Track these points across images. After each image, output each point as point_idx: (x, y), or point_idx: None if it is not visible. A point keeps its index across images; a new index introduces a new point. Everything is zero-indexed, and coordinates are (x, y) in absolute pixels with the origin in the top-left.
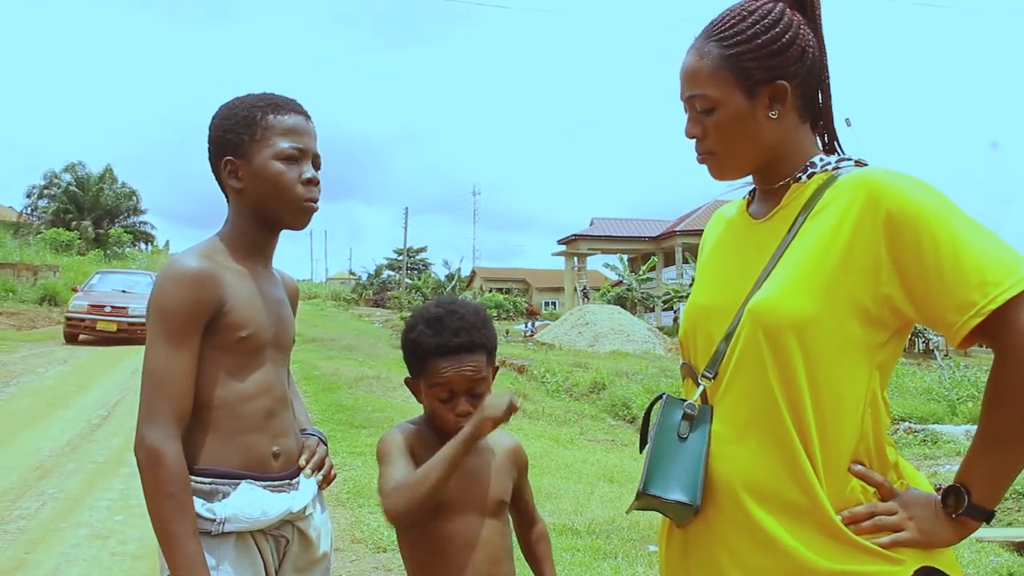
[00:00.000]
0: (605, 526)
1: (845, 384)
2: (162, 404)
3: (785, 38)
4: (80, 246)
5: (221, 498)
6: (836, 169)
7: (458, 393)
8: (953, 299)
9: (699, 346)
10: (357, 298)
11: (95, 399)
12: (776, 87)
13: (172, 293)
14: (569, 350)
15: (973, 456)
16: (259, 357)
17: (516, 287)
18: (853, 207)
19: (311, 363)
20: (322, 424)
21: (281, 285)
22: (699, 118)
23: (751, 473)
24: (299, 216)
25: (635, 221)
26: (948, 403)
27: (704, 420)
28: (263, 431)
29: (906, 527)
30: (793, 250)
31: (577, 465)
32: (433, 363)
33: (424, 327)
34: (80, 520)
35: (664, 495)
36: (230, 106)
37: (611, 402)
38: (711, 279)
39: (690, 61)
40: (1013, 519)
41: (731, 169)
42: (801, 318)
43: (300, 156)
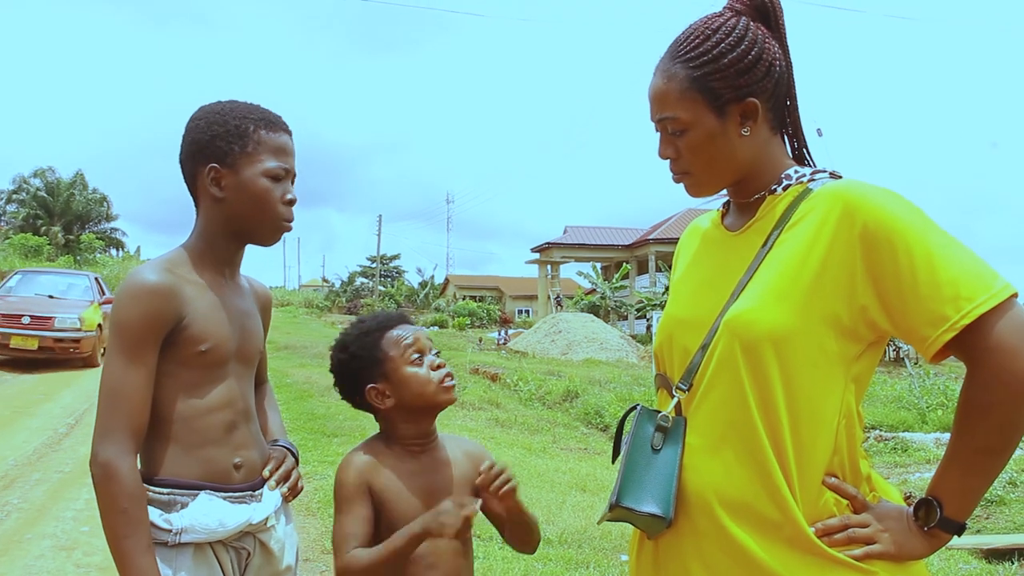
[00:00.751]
0: (577, 536)
1: (821, 397)
2: (117, 419)
3: (751, 54)
4: (50, 252)
5: (179, 508)
6: (811, 181)
7: (426, 350)
8: (927, 313)
9: (675, 358)
10: (330, 305)
11: (63, 407)
12: (746, 105)
13: (129, 307)
14: (542, 358)
15: (945, 470)
16: (220, 370)
17: (489, 295)
18: (829, 220)
19: (283, 371)
20: (294, 433)
21: (250, 295)
22: (671, 139)
23: (725, 486)
24: (273, 235)
25: (608, 229)
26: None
27: (678, 432)
28: (224, 444)
29: (879, 539)
30: (769, 262)
31: (550, 474)
32: (389, 336)
33: (357, 324)
34: (45, 531)
35: (637, 507)
36: (219, 111)
37: (584, 410)
38: (687, 291)
39: (658, 83)
40: (982, 526)
41: (707, 187)
42: (778, 331)
43: (285, 176)
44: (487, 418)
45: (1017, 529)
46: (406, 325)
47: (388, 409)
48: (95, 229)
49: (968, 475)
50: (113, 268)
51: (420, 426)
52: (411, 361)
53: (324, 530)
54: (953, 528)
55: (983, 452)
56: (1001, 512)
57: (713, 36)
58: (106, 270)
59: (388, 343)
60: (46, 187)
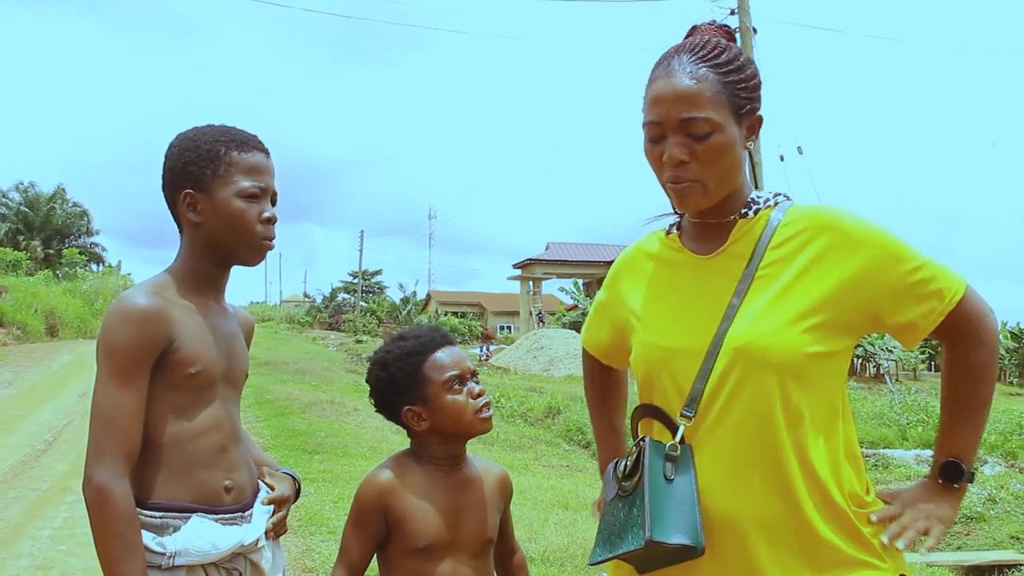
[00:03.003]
0: (560, 553)
1: (837, 412)
2: (110, 442)
3: (757, 75)
4: (29, 266)
5: (171, 532)
6: (775, 205)
7: (467, 376)
8: (921, 307)
9: (667, 387)
10: (311, 321)
11: (40, 424)
12: (755, 119)
13: (120, 331)
14: (524, 374)
15: (954, 430)
16: (209, 393)
17: (471, 311)
18: (821, 241)
19: (264, 387)
20: (274, 450)
21: (234, 319)
22: (688, 142)
23: (753, 510)
24: (255, 254)
25: (590, 245)
26: (899, 428)
27: (687, 460)
28: (214, 466)
29: (931, 525)
30: (763, 285)
31: (532, 491)
32: (433, 359)
33: (401, 342)
34: (21, 550)
35: (667, 540)
36: (191, 137)
37: (566, 427)
38: (663, 318)
39: (684, 83)
40: (963, 543)
41: (710, 197)
42: (797, 352)
43: (261, 195)
44: None
45: (997, 545)
46: (448, 347)
47: (421, 431)
48: (75, 243)
49: (973, 429)
50: (93, 283)
51: (452, 448)
52: (452, 388)
53: (305, 548)
54: (971, 478)
55: (983, 406)
56: (981, 528)
57: (729, 51)
58: (86, 284)
59: (430, 367)
60: (26, 201)
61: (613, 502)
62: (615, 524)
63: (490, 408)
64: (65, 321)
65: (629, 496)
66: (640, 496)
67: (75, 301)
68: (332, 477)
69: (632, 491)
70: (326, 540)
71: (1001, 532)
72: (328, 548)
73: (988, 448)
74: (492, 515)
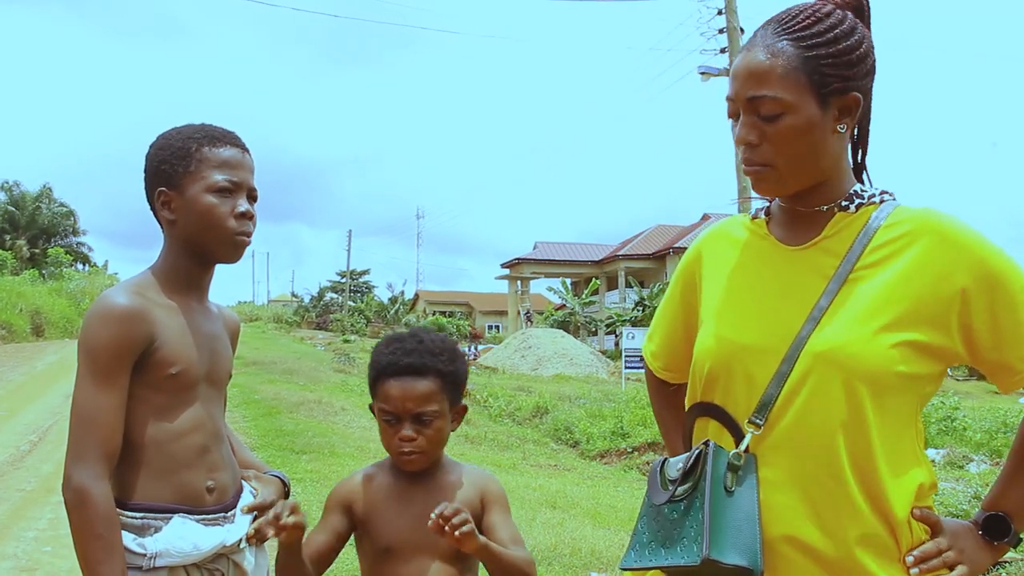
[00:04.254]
0: (548, 553)
1: (910, 429)
2: (90, 443)
3: (862, 48)
4: (15, 266)
5: (152, 532)
6: (881, 202)
7: (402, 416)
8: (1022, 350)
9: (736, 387)
10: (299, 320)
11: (26, 424)
12: (849, 99)
13: (100, 331)
14: (512, 374)
15: (1013, 487)
16: (190, 393)
17: (459, 310)
18: (930, 254)
19: (251, 387)
20: (261, 450)
21: (219, 319)
22: (758, 123)
23: (811, 532)
24: (231, 250)
25: (578, 245)
26: None
27: (750, 471)
28: (196, 467)
29: (963, 560)
30: (857, 288)
31: (520, 491)
32: (383, 382)
33: (383, 346)
34: (5, 552)
35: (723, 559)
36: (166, 137)
37: (554, 426)
38: (741, 311)
39: (758, 58)
40: None
41: (785, 184)
42: (884, 365)
43: (234, 189)
44: (457, 434)
45: None
46: (403, 380)
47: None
48: (62, 243)
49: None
50: (80, 282)
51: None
52: (383, 419)
53: None
54: (1016, 540)
55: None
56: None
57: (826, 20)
58: (72, 284)
59: (378, 390)
60: (12, 200)
61: (658, 507)
62: (659, 531)
63: (411, 453)
64: (51, 321)
65: (680, 503)
66: (697, 506)
67: (61, 301)
68: (320, 477)
69: (685, 498)
70: None
71: None
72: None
73: (974, 446)
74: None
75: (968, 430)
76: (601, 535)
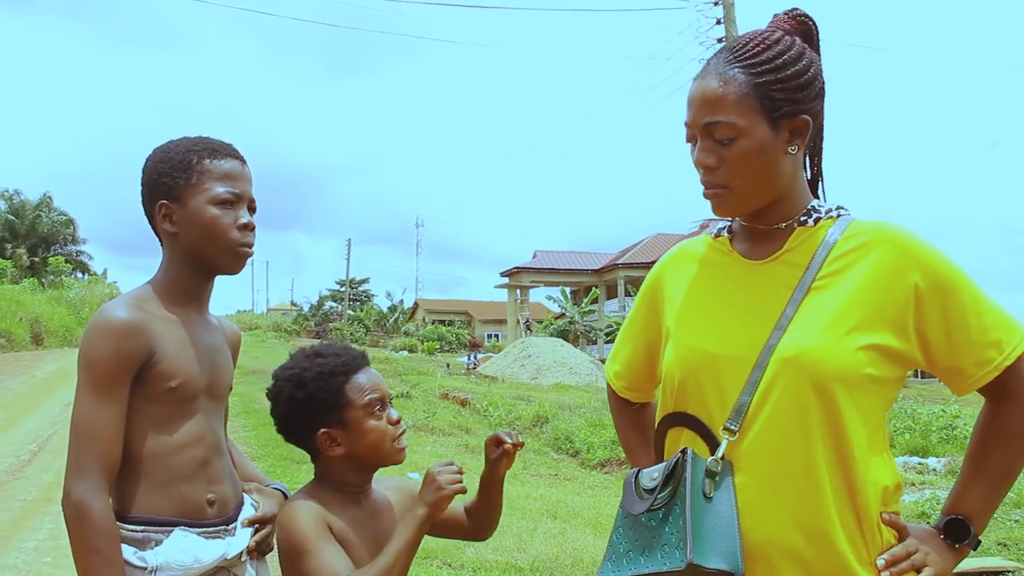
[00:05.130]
0: (549, 563)
1: (878, 432)
2: (89, 457)
3: (810, 72)
4: (15, 274)
5: (153, 546)
6: (837, 217)
7: (387, 401)
8: (976, 355)
9: (708, 396)
10: (299, 329)
11: (25, 433)
12: (799, 121)
13: (99, 345)
14: (512, 383)
15: (969, 490)
16: (190, 406)
17: (459, 319)
18: (887, 263)
19: (251, 396)
20: (262, 459)
21: (219, 331)
22: (715, 147)
23: (788, 535)
24: (233, 261)
25: (577, 254)
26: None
27: (727, 477)
28: (197, 480)
29: (929, 563)
30: (820, 297)
31: (520, 500)
32: (354, 381)
33: (318, 358)
34: (5, 562)
35: (706, 564)
36: (165, 149)
37: (554, 436)
38: (709, 322)
39: (712, 86)
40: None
41: (743, 204)
42: (850, 369)
43: (236, 201)
44: (457, 444)
45: (984, 552)
46: (368, 369)
47: (334, 456)
48: (61, 251)
49: (993, 494)
50: (79, 291)
51: (363, 475)
52: (373, 413)
53: None
54: (976, 543)
55: (1008, 473)
56: None
57: (775, 46)
58: (72, 292)
59: (353, 389)
60: (12, 209)
61: (635, 516)
62: (637, 540)
63: (405, 438)
64: (50, 330)
65: (658, 511)
66: (676, 513)
67: (60, 309)
68: None
69: (663, 506)
70: None
71: (988, 539)
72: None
73: None
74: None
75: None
76: (602, 545)
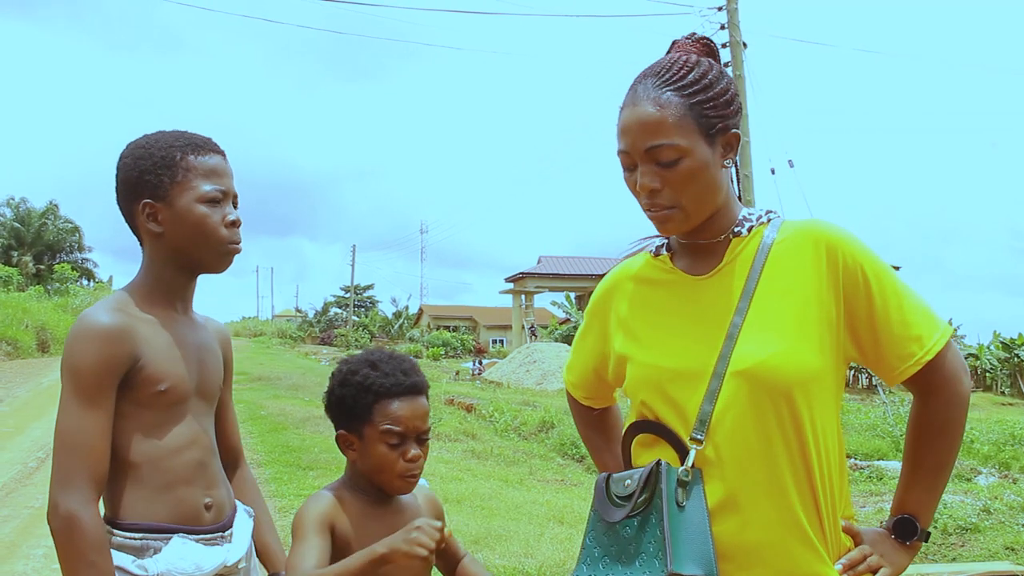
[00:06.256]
0: (556, 568)
1: (834, 431)
2: (76, 468)
3: (732, 89)
4: (21, 282)
5: (152, 553)
6: (768, 222)
7: (410, 436)
8: (898, 348)
9: (667, 410)
10: (304, 336)
11: (33, 440)
12: (731, 136)
13: (83, 351)
14: (517, 388)
15: (910, 488)
16: (181, 408)
17: (463, 324)
18: (816, 259)
19: (257, 402)
20: (268, 466)
21: (205, 330)
22: (657, 170)
23: (756, 540)
24: (222, 259)
25: (582, 259)
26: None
27: (697, 486)
28: (194, 484)
29: (884, 564)
30: (762, 305)
31: (527, 506)
32: (385, 405)
33: (369, 370)
34: (14, 570)
35: (683, 571)
36: (143, 145)
37: (560, 441)
38: (663, 339)
39: (647, 111)
40: (957, 554)
41: (690, 221)
42: (805, 373)
43: (222, 198)
44: (463, 449)
45: (992, 556)
46: (411, 399)
47: (350, 459)
48: (67, 259)
49: (932, 489)
50: (85, 298)
51: (375, 486)
52: (387, 442)
53: None
54: (926, 537)
55: (942, 466)
56: (976, 540)
57: (696, 68)
58: (78, 300)
59: (380, 411)
60: (18, 217)
61: (609, 523)
62: (612, 547)
63: (417, 478)
64: (56, 337)
65: (634, 519)
66: (653, 523)
67: (66, 317)
68: None
69: (638, 514)
70: None
71: (996, 543)
72: None
73: (982, 459)
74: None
75: (975, 443)
76: None
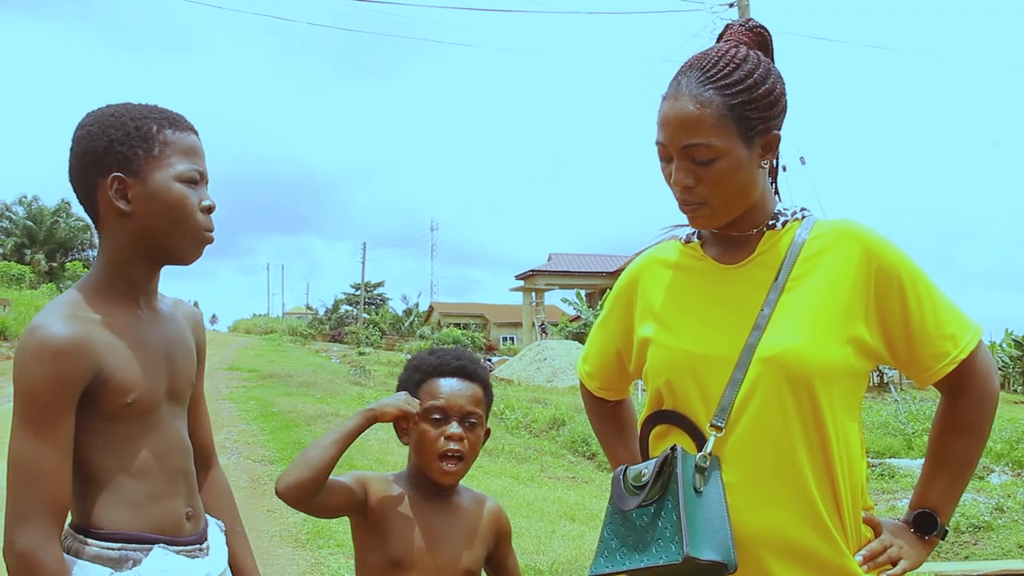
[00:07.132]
0: (568, 565)
1: (855, 427)
2: (32, 502)
3: (777, 89)
4: (32, 279)
5: (131, 566)
6: (803, 218)
7: (451, 415)
8: (932, 348)
9: (690, 395)
10: (314, 333)
11: None
12: (771, 138)
13: (34, 370)
14: (528, 385)
15: (932, 483)
16: (153, 416)
17: (474, 322)
18: (851, 258)
19: (269, 399)
20: (280, 463)
21: (173, 319)
22: (692, 167)
23: (779, 528)
24: (195, 247)
25: (592, 256)
26: (904, 437)
27: (715, 472)
28: (176, 493)
29: (904, 555)
30: (793, 297)
31: (538, 503)
32: (431, 383)
33: (427, 354)
34: None
35: (700, 556)
36: (113, 114)
37: (571, 438)
38: (689, 323)
39: (687, 108)
40: (970, 552)
41: (721, 218)
42: (829, 365)
43: (199, 180)
44: None
45: (1005, 554)
46: (457, 380)
47: (407, 446)
48: (79, 257)
49: (955, 485)
50: None
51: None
52: (428, 418)
53: (314, 562)
54: (944, 534)
55: (967, 464)
56: (989, 538)
57: (743, 66)
58: None
59: (424, 389)
60: (30, 215)
61: (624, 513)
62: (629, 536)
63: (455, 463)
64: None
65: (649, 507)
66: (669, 508)
67: None
68: None
69: (654, 501)
70: (334, 553)
71: (1009, 541)
72: (337, 562)
73: (995, 457)
74: (475, 547)
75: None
76: None
